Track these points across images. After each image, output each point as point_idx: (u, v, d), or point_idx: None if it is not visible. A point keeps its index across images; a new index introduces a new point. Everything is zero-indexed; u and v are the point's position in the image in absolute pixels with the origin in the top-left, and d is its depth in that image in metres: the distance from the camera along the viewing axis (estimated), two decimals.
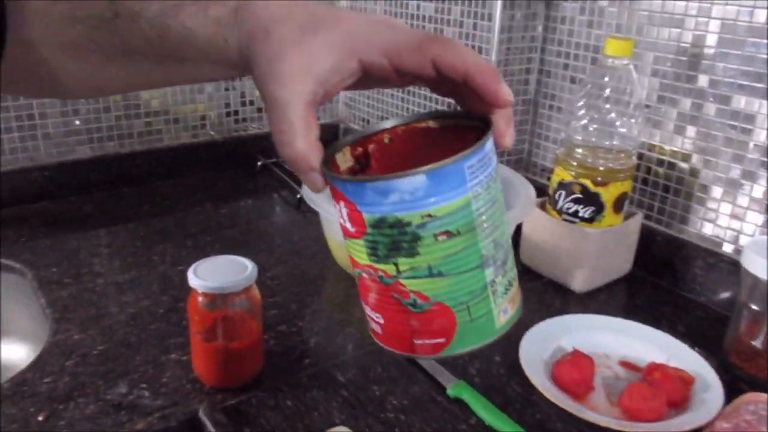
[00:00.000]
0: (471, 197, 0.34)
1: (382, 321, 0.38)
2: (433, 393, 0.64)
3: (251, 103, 1.28)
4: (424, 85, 0.38)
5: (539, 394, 0.63)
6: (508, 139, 0.36)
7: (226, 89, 1.24)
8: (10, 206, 1.04)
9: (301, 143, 0.35)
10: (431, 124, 0.39)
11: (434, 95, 1.13)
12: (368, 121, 1.33)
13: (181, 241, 0.96)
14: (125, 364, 0.67)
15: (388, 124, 0.40)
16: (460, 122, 0.39)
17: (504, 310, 0.38)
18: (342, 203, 0.35)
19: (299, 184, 1.12)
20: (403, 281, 0.36)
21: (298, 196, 1.10)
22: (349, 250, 0.38)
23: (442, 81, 0.36)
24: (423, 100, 1.17)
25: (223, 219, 1.05)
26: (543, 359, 0.67)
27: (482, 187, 0.35)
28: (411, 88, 1.18)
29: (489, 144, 0.35)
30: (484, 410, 0.61)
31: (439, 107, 1.13)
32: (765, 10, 0.73)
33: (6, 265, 0.88)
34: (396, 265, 0.35)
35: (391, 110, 1.26)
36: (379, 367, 0.68)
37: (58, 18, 0.37)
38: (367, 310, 0.39)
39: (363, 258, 0.37)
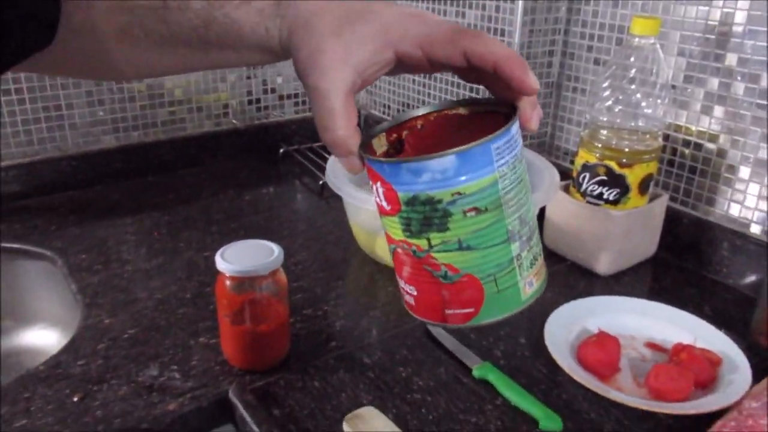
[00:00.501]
0: (498, 176, 0.37)
1: (415, 293, 0.41)
2: (459, 374, 0.65)
3: (273, 90, 1.28)
4: (453, 72, 0.40)
5: (565, 375, 0.63)
6: (534, 123, 0.38)
7: (248, 77, 1.25)
8: (39, 196, 1.06)
9: (342, 129, 0.37)
10: (461, 110, 0.42)
11: (455, 81, 1.13)
12: (389, 107, 1.33)
13: (206, 227, 0.97)
14: (155, 348, 0.69)
15: (420, 111, 0.42)
16: (488, 108, 0.41)
17: (530, 282, 0.40)
18: (378, 183, 0.38)
19: (322, 170, 1.12)
20: (434, 254, 0.38)
21: (321, 182, 1.11)
22: (384, 228, 0.41)
23: (470, 69, 0.38)
24: (445, 85, 1.17)
25: (246, 206, 1.06)
26: (568, 341, 0.67)
27: (508, 167, 0.37)
28: (432, 76, 1.18)
29: (515, 127, 0.38)
30: (509, 391, 0.61)
31: (461, 92, 1.13)
32: None
33: (37, 253, 0.90)
34: (428, 239, 0.38)
35: (412, 96, 1.25)
36: (404, 349, 0.69)
37: (108, 6, 0.40)
38: (402, 284, 0.42)
39: (398, 234, 0.39)
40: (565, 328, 0.69)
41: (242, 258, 0.62)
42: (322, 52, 0.37)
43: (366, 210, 0.80)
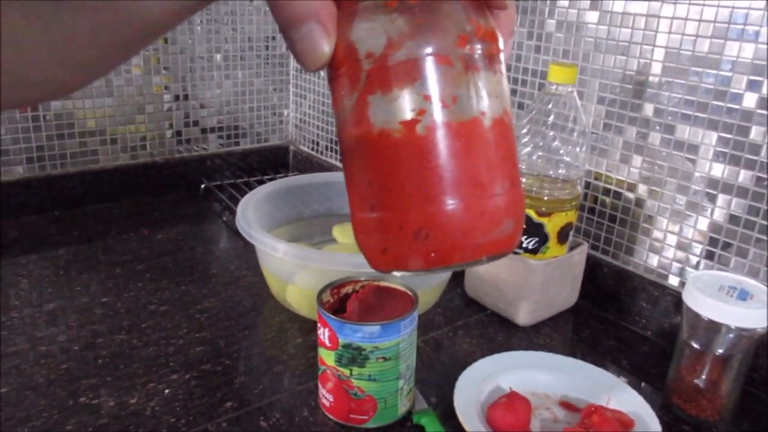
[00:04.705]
0: (401, 340, 0.59)
1: (332, 400, 0.61)
2: None
3: (195, 123, 1.23)
4: None
5: None
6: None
7: (168, 110, 1.19)
8: None
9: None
10: (381, 283, 0.65)
11: None
12: (318, 143, 1.29)
13: (109, 270, 0.90)
14: (27, 410, 0.62)
15: (362, 278, 0.65)
16: (395, 284, 0.64)
17: (404, 404, 0.63)
18: (327, 329, 0.59)
19: None
20: (352, 380, 0.59)
21: None
22: (320, 354, 0.61)
23: None
24: None
25: (158, 246, 0.99)
26: (479, 401, 0.64)
27: (407, 335, 0.59)
28: None
29: (416, 312, 0.60)
30: None
31: None
32: (708, 40, 0.71)
33: None
34: (351, 370, 0.59)
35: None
36: (305, 410, 0.64)
37: None
38: (323, 391, 0.62)
39: (331, 361, 0.60)
40: (477, 386, 0.65)
41: None
42: None
43: (277, 258, 0.75)
